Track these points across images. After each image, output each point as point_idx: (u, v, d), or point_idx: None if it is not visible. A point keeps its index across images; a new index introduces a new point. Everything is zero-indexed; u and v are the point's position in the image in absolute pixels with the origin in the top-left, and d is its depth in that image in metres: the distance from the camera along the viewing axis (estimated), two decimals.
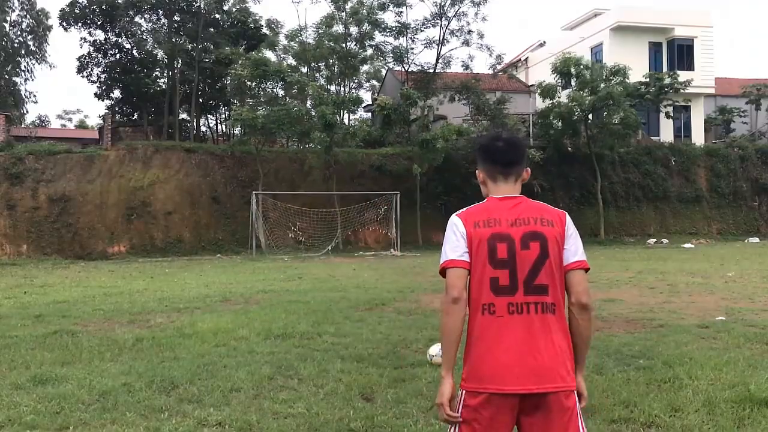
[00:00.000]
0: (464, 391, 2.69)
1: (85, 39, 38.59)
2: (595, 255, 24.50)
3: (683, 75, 35.32)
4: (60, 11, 36.91)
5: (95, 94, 39.07)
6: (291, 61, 37.24)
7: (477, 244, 2.54)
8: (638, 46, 37.25)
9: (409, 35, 35.74)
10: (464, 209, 2.65)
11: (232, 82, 32.69)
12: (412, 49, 36.31)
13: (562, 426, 2.46)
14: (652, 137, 37.41)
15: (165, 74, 39.34)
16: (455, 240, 2.57)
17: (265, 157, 31.54)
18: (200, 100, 39.36)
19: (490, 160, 2.68)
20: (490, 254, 2.52)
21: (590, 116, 32.69)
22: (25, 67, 51.30)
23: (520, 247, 2.52)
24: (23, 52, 50.51)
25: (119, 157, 30.32)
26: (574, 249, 2.58)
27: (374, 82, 46.36)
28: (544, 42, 46.13)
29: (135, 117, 40.56)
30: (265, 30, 39.27)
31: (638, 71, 34.18)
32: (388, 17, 63.04)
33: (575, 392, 2.52)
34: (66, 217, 28.27)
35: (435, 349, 6.60)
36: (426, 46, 36.18)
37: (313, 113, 29.94)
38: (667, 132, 37.97)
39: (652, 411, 4.86)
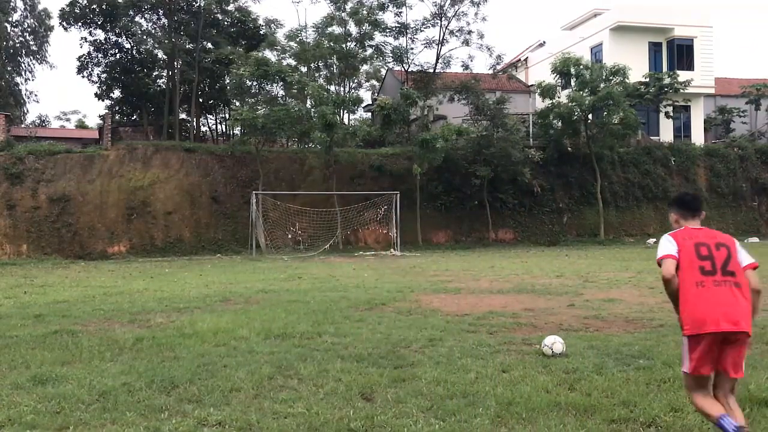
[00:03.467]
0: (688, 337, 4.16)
1: (85, 39, 38.65)
2: (595, 255, 24.52)
3: (683, 75, 35.37)
4: (60, 11, 36.96)
5: (95, 94, 39.13)
6: (290, 61, 37.26)
7: (685, 248, 4.16)
8: (638, 46, 37.25)
9: (409, 35, 35.79)
10: (671, 232, 4.35)
11: (232, 82, 32.67)
12: (412, 49, 36.40)
13: (742, 352, 4.18)
14: (651, 137, 37.41)
15: (165, 74, 39.36)
16: (669, 245, 4.21)
17: (265, 157, 31.55)
18: (200, 100, 39.37)
19: (686, 207, 4.48)
20: (696, 252, 4.13)
21: (590, 116, 32.70)
22: (25, 67, 51.38)
23: (715, 249, 4.16)
24: (24, 52, 50.53)
25: (119, 157, 30.33)
26: (745, 256, 4.25)
27: (374, 82, 46.38)
28: (544, 42, 46.17)
29: (135, 117, 40.56)
30: (263, 29, 39.25)
31: (638, 71, 34.21)
32: (388, 17, 63.14)
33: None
34: (66, 217, 28.28)
35: (550, 340, 6.74)
36: (426, 46, 36.26)
37: (313, 113, 29.93)
38: (666, 132, 37.98)
39: (652, 411, 4.87)
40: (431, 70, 35.71)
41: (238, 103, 34.89)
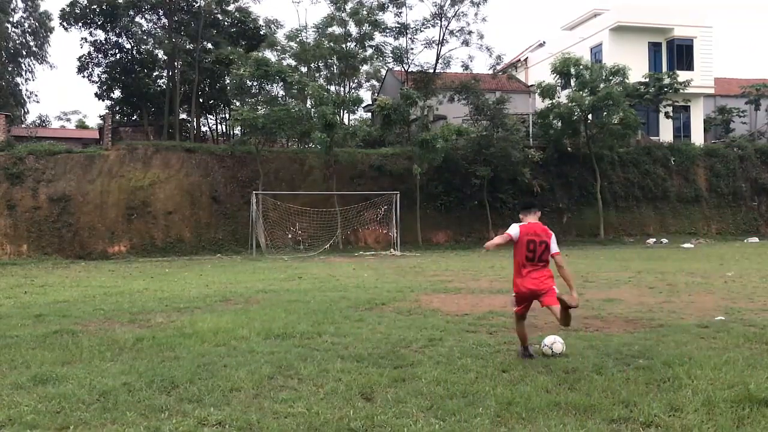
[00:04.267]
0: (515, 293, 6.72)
1: (85, 39, 38.69)
2: (595, 255, 24.54)
3: (683, 75, 35.37)
4: (60, 11, 36.95)
5: (96, 94, 39.12)
6: (291, 61, 37.28)
7: (523, 238, 6.54)
8: (638, 46, 37.26)
9: (409, 35, 35.81)
10: (519, 224, 6.70)
11: (233, 82, 32.67)
12: (412, 49, 36.44)
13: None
14: (651, 137, 37.43)
15: (165, 74, 39.37)
16: (514, 230, 6.59)
17: (265, 157, 31.55)
18: (200, 100, 39.37)
19: (524, 208, 6.91)
20: (528, 245, 6.52)
21: (590, 116, 32.70)
22: (26, 67, 51.41)
23: (538, 244, 6.55)
24: (25, 52, 50.55)
25: (119, 157, 30.33)
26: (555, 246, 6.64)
27: (374, 82, 46.38)
28: (544, 42, 46.18)
29: (135, 117, 40.55)
30: (264, 29, 39.26)
31: (638, 71, 34.22)
32: (388, 17, 63.19)
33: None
34: (66, 217, 28.29)
35: (549, 339, 6.83)
36: (426, 46, 36.28)
37: (313, 113, 29.93)
38: (666, 132, 37.99)
39: (652, 410, 4.87)
40: (431, 71, 35.72)
41: (238, 103, 34.90)
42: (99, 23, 37.17)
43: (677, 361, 6.32)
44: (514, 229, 6.59)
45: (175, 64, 37.45)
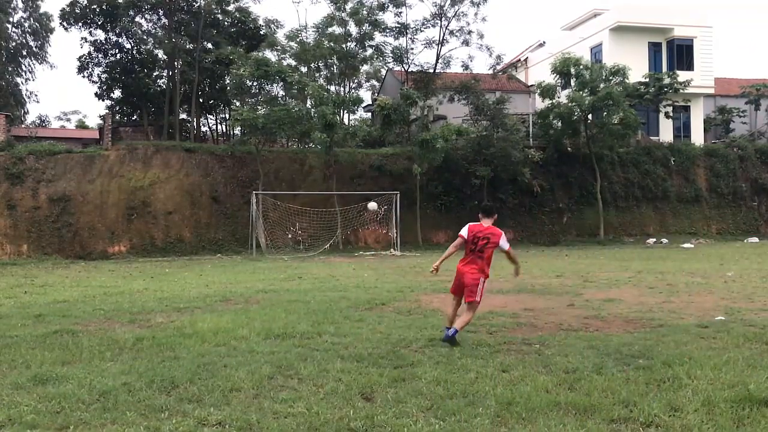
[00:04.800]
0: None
1: (85, 39, 38.65)
2: (595, 255, 24.54)
3: (683, 75, 35.37)
4: (60, 11, 36.95)
5: (96, 94, 39.11)
6: (291, 61, 37.27)
7: (471, 236, 7.62)
8: (638, 46, 37.26)
9: (409, 35, 35.81)
10: (469, 224, 7.73)
11: (233, 82, 32.68)
12: (412, 49, 36.44)
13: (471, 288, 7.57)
14: (651, 137, 37.43)
15: (165, 74, 39.37)
16: (464, 230, 7.71)
17: (265, 157, 31.56)
18: (200, 100, 39.37)
19: (481, 211, 7.91)
20: (472, 241, 7.62)
21: (590, 116, 32.70)
22: (26, 67, 51.40)
23: (481, 240, 7.60)
24: (25, 52, 50.55)
25: (119, 157, 30.34)
26: (505, 243, 7.64)
27: (374, 82, 46.39)
28: (544, 42, 46.18)
29: (135, 117, 40.55)
30: (264, 29, 39.26)
31: (638, 71, 34.22)
32: (388, 17, 63.18)
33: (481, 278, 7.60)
34: (66, 217, 28.29)
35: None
36: (426, 46, 36.28)
37: (313, 113, 29.93)
38: (666, 132, 37.99)
39: (652, 410, 4.87)
40: (431, 71, 35.72)
41: (238, 103, 34.90)
42: (99, 23, 37.16)
43: (677, 361, 6.32)
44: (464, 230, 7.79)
45: (175, 64, 37.45)
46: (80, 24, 37.22)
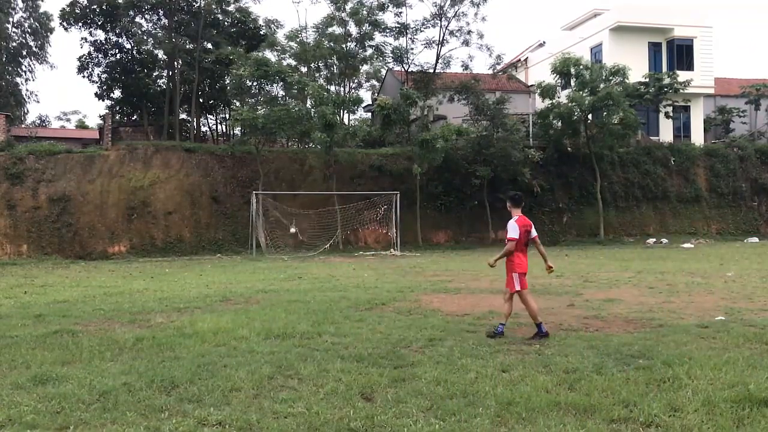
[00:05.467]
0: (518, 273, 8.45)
1: (85, 39, 38.69)
2: (595, 254, 24.54)
3: (683, 75, 35.36)
4: (60, 11, 36.96)
5: (96, 94, 39.11)
6: (291, 61, 37.26)
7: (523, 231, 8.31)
8: (638, 47, 37.26)
9: (409, 35, 35.80)
10: (515, 218, 8.39)
11: (233, 83, 32.67)
12: (412, 49, 36.42)
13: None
14: (651, 137, 37.42)
15: (165, 74, 39.37)
16: (515, 231, 8.31)
17: (265, 157, 31.55)
18: (200, 100, 39.36)
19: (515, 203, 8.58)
20: (524, 235, 8.36)
21: (590, 116, 32.69)
22: (26, 67, 51.39)
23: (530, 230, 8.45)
24: (25, 52, 50.54)
25: (119, 157, 30.34)
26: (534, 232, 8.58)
27: (374, 82, 46.38)
28: (544, 42, 46.17)
29: (135, 117, 40.55)
30: (263, 29, 39.26)
31: (638, 71, 34.21)
32: (388, 17, 63.20)
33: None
34: (66, 217, 28.29)
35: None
36: (426, 46, 36.27)
37: (313, 113, 29.93)
38: (666, 132, 37.98)
39: (652, 410, 4.87)
40: (431, 71, 35.72)
41: (238, 103, 34.88)
42: (99, 23, 37.18)
43: (677, 361, 6.32)
44: (514, 230, 8.23)
45: (175, 64, 37.45)
46: (80, 24, 37.24)
